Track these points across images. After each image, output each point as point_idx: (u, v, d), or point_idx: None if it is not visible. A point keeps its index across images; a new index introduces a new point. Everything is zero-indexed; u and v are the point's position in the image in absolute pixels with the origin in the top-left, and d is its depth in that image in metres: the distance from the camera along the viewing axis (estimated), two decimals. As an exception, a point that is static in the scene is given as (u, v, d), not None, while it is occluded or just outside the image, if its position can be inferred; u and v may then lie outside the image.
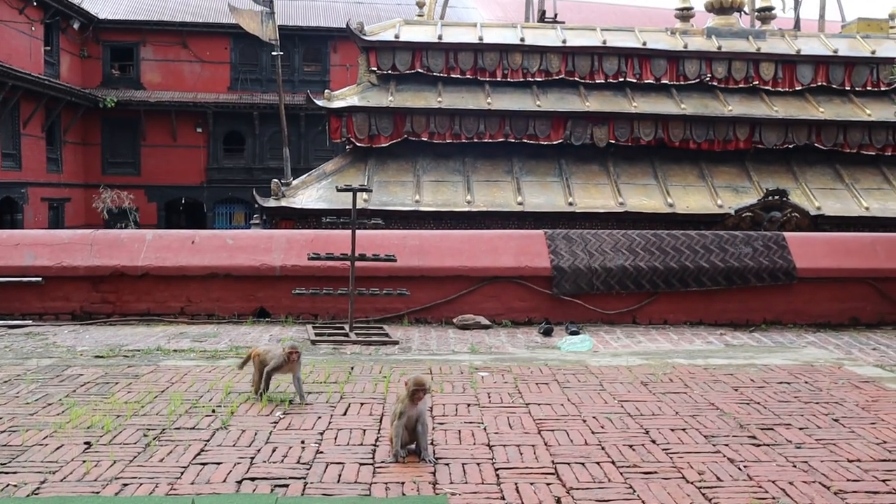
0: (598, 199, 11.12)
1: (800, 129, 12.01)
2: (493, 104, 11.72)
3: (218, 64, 28.36)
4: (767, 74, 12.53)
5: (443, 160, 11.75)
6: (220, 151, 28.07)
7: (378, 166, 11.59)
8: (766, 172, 11.92)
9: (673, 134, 11.87)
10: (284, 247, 7.61)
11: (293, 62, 28.35)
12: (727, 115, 11.88)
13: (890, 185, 11.80)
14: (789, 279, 7.84)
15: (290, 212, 10.74)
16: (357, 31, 12.08)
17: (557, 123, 11.78)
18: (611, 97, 12.13)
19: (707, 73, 12.41)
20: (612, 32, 12.82)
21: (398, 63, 12.14)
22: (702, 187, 11.55)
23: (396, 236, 7.92)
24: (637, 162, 11.91)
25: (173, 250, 7.56)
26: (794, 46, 12.68)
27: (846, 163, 12.11)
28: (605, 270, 7.70)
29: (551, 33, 12.73)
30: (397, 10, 27.64)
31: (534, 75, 12.22)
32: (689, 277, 7.77)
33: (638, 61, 12.34)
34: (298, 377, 4.38)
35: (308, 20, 28.88)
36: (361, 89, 12.07)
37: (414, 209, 10.78)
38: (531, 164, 11.75)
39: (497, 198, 11.04)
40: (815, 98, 12.44)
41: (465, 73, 12.18)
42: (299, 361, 4.34)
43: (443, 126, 11.66)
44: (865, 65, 12.56)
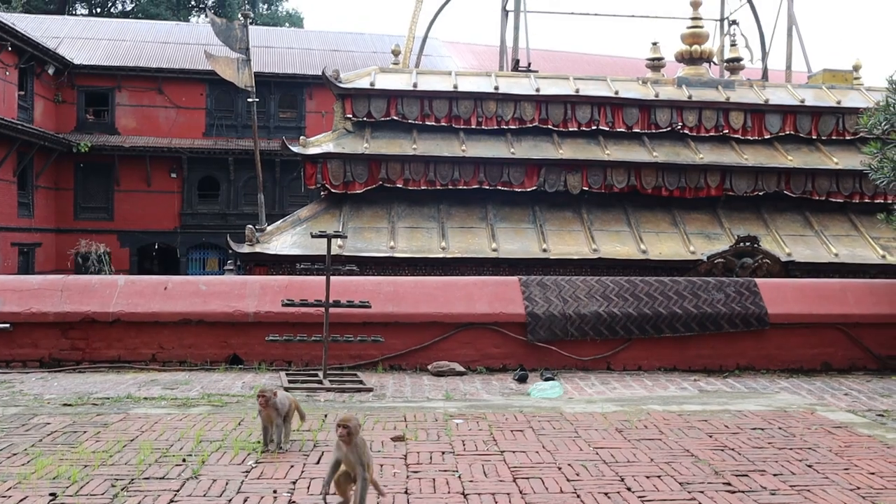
0: (572, 246, 11.18)
1: (769, 176, 12.20)
2: (468, 151, 11.81)
3: (193, 110, 28.40)
4: (737, 123, 12.75)
5: (418, 206, 11.79)
6: (194, 197, 27.99)
7: (353, 212, 11.60)
8: (737, 219, 12.07)
9: (645, 181, 12.00)
10: (258, 293, 7.57)
11: (269, 108, 28.48)
12: (698, 162, 12.04)
13: (858, 232, 11.97)
14: (761, 325, 7.90)
15: (265, 258, 10.70)
16: (333, 78, 12.17)
17: (531, 170, 11.88)
18: (584, 145, 12.27)
19: (678, 122, 12.61)
20: (584, 81, 13.01)
21: (373, 110, 12.23)
22: (674, 234, 11.66)
23: (371, 282, 7.91)
24: (610, 209, 12.02)
25: (146, 296, 7.49)
26: (763, 96, 12.94)
27: (815, 210, 12.30)
28: (579, 317, 7.72)
29: (525, 82, 12.89)
30: (373, 58, 27.92)
31: (508, 123, 12.35)
32: (663, 323, 7.81)
33: (610, 110, 12.51)
34: (279, 423, 4.30)
35: (284, 67, 29.07)
36: (337, 136, 12.12)
37: (389, 255, 10.78)
38: (506, 210, 11.82)
39: (472, 244, 11.07)
40: (783, 146, 12.67)
41: (440, 120, 12.29)
42: (276, 407, 4.25)
43: (418, 173, 11.72)
44: (831, 114, 12.83)
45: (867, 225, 11.90)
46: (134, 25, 31.88)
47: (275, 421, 4.28)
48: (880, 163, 8.69)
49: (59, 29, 29.38)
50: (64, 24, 30.44)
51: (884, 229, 10.78)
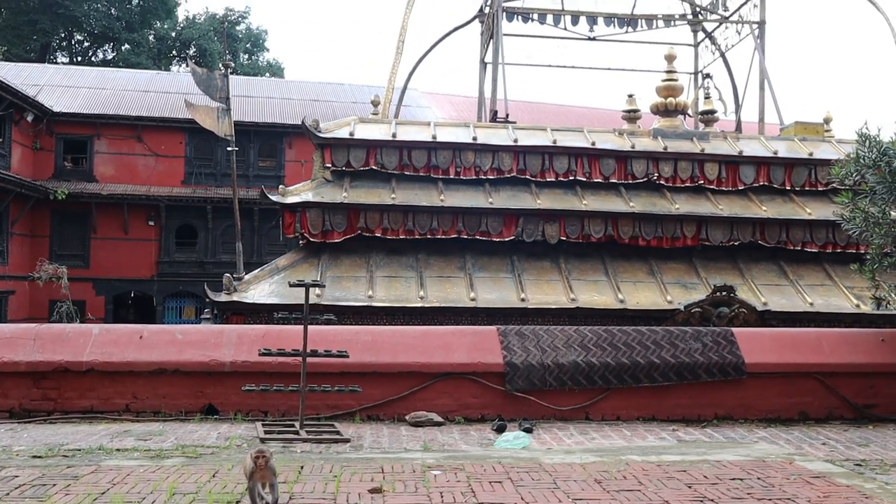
0: (550, 295, 11.20)
1: (744, 226, 12.33)
2: (447, 201, 11.87)
3: (172, 158, 28.41)
4: (712, 174, 12.91)
5: (396, 256, 11.79)
6: (171, 245, 27.86)
7: (331, 261, 11.58)
8: (713, 269, 12.15)
9: (622, 231, 12.09)
10: (235, 342, 7.51)
11: (248, 157, 28.56)
12: (674, 213, 12.16)
13: (832, 282, 12.09)
14: (739, 374, 7.92)
15: (242, 307, 10.63)
16: (312, 128, 12.24)
17: (509, 220, 11.95)
18: (561, 195, 12.37)
19: (654, 173, 12.75)
20: (562, 132, 13.15)
21: (353, 160, 12.29)
22: (651, 283, 11.72)
23: (349, 332, 7.87)
24: (588, 258, 12.07)
25: (120, 345, 7.41)
26: (737, 148, 13.13)
27: (790, 260, 12.42)
28: (557, 366, 7.71)
29: (503, 132, 13.03)
30: (353, 108, 28.15)
31: (486, 173, 12.44)
32: (641, 373, 7.82)
33: (587, 160, 12.65)
34: (273, 482, 4.15)
35: (264, 116, 29.22)
36: (316, 185, 12.15)
37: (367, 305, 10.74)
38: (484, 260, 11.85)
39: (450, 293, 11.07)
40: (758, 197, 12.83)
41: (419, 170, 12.36)
42: (269, 468, 4.11)
43: (396, 222, 11.75)
44: (804, 166, 13.04)
45: (841, 274, 12.02)
46: (114, 74, 32.00)
47: (269, 480, 4.14)
48: (852, 213, 8.83)
49: (39, 77, 29.44)
50: (44, 73, 30.51)
51: (857, 279, 10.89)
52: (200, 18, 45.51)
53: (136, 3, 42.95)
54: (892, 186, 7.89)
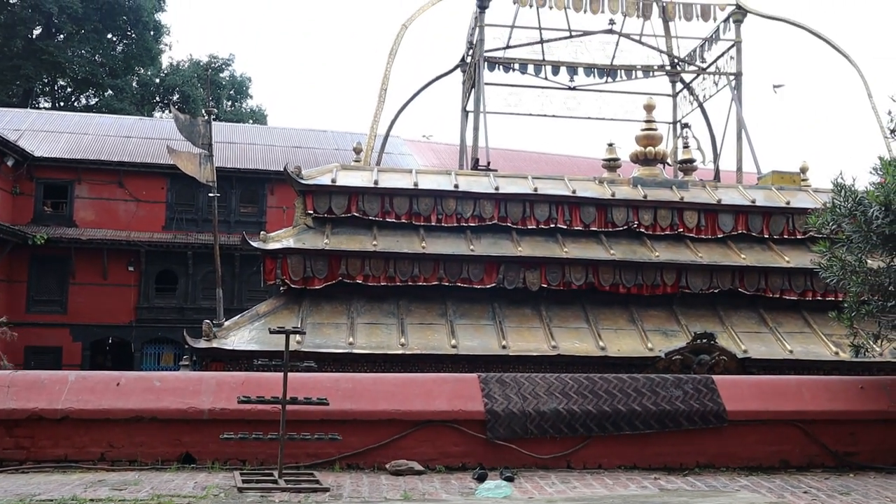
0: (531, 343, 11.19)
1: (724, 274, 12.42)
2: (428, 248, 11.90)
3: (154, 203, 28.37)
4: (691, 222, 13.04)
5: (377, 303, 11.76)
6: (151, 290, 27.67)
7: (312, 308, 11.54)
8: (693, 316, 12.20)
9: (603, 279, 12.14)
10: (214, 389, 7.44)
11: (230, 203, 28.55)
12: (654, 260, 12.24)
13: (811, 329, 12.17)
14: (720, 422, 7.92)
15: (222, 353, 10.54)
16: (294, 174, 12.29)
17: (491, 267, 11.98)
18: (542, 242, 12.43)
19: (634, 221, 12.86)
20: (542, 180, 13.27)
21: (334, 206, 12.33)
22: (632, 331, 11.74)
23: (329, 379, 7.82)
24: (569, 306, 12.10)
25: (97, 392, 7.32)
26: (715, 196, 13.29)
27: (769, 307, 12.49)
28: (538, 414, 7.68)
29: (484, 180, 13.12)
30: (335, 154, 28.30)
31: (467, 220, 12.50)
32: (622, 421, 7.80)
33: (568, 208, 12.75)
34: None
35: (246, 163, 29.30)
36: (297, 231, 12.15)
37: (347, 352, 10.69)
38: (465, 307, 11.84)
39: (431, 340, 11.04)
40: (736, 245, 12.95)
41: (401, 217, 12.40)
42: None
43: (378, 269, 11.75)
44: (781, 214, 13.20)
45: (820, 322, 12.10)
46: (96, 119, 32.05)
47: None
48: (829, 262, 8.93)
49: (20, 122, 29.43)
50: (26, 118, 30.52)
51: (836, 326, 10.96)
52: (184, 65, 45.80)
53: (121, 49, 43.25)
54: (868, 235, 8.00)
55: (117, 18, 41.09)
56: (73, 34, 40.78)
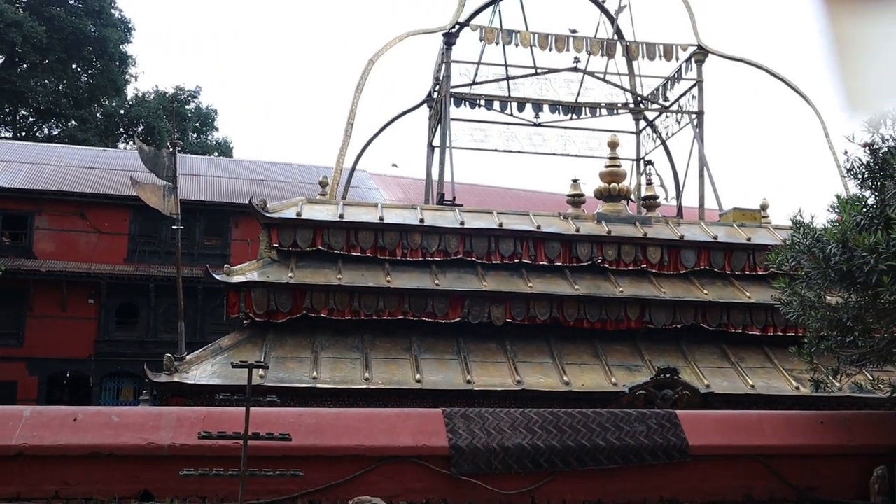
0: (495, 377, 11.18)
1: (686, 310, 12.53)
2: (393, 282, 11.88)
3: (116, 235, 28.04)
4: (654, 258, 13.16)
5: (341, 337, 11.69)
6: (111, 323, 27.24)
7: (276, 342, 11.44)
8: (657, 351, 12.28)
9: (568, 314, 12.20)
10: (174, 425, 7.33)
11: (194, 235, 28.31)
12: (618, 296, 12.32)
13: (772, 364, 12.29)
14: (683, 457, 7.96)
15: (183, 388, 10.39)
16: (259, 207, 12.24)
17: (456, 302, 11.98)
18: (507, 277, 12.47)
19: (599, 256, 12.96)
20: (507, 216, 13.34)
21: (299, 240, 12.28)
22: (596, 366, 11.78)
23: (292, 414, 7.75)
24: (533, 340, 12.12)
25: (53, 428, 7.17)
26: (678, 232, 13.44)
27: (731, 343, 12.61)
28: (503, 450, 7.66)
29: (450, 215, 13.16)
30: (300, 188, 28.25)
31: (433, 255, 12.52)
32: (587, 456, 7.80)
33: (533, 243, 12.82)
34: None
35: (211, 195, 29.12)
36: (262, 265, 12.07)
37: (311, 386, 10.58)
38: (430, 341, 11.81)
39: (395, 375, 10.98)
40: (699, 281, 13.09)
41: (366, 251, 12.38)
42: None
43: (342, 303, 11.69)
44: (743, 251, 13.38)
45: (781, 357, 12.24)
46: (59, 150, 31.70)
47: None
48: (789, 297, 9.08)
49: (-20, 152, 29.04)
50: (-14, 148, 30.13)
51: (796, 362, 11.10)
52: (150, 96, 45.57)
53: (85, 80, 42.93)
54: (826, 272, 8.14)
55: (82, 49, 40.85)
56: (37, 64, 40.45)
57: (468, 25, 17.65)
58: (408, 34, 16.96)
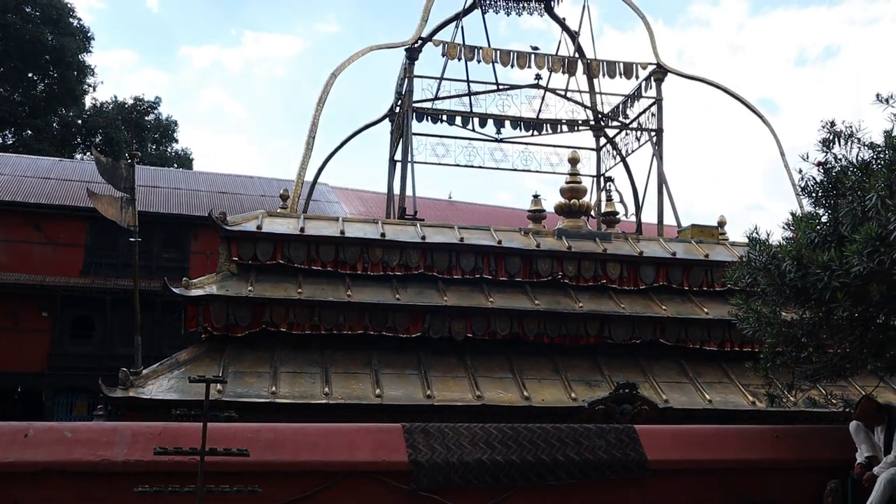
0: (456, 392, 11.16)
1: (645, 325, 12.63)
2: (354, 297, 11.83)
3: (72, 247, 27.59)
4: (614, 274, 13.26)
5: (301, 351, 11.59)
6: (66, 337, 26.74)
7: (234, 356, 11.31)
8: (616, 367, 12.34)
9: (528, 329, 12.23)
10: (129, 440, 7.21)
11: (152, 248, 27.95)
12: (578, 311, 12.39)
13: (729, 379, 12.42)
14: (642, 471, 8.01)
15: (139, 403, 10.22)
16: (219, 220, 12.12)
17: (416, 317, 11.95)
18: (468, 293, 12.48)
19: (559, 272, 13.02)
20: (469, 231, 13.37)
21: (259, 254, 12.19)
22: (556, 381, 11.82)
23: (250, 429, 7.67)
24: (494, 355, 12.12)
25: (2, 444, 7.02)
26: (637, 249, 13.57)
27: (689, 358, 12.73)
28: (463, 465, 7.65)
29: (411, 229, 13.16)
30: (261, 201, 28.08)
31: (393, 269, 12.49)
32: (546, 471, 7.82)
33: (494, 259, 12.85)
34: None
35: (170, 207, 28.82)
36: (221, 278, 11.95)
37: (270, 401, 10.47)
38: (390, 356, 11.76)
39: (355, 390, 10.91)
40: (658, 297, 13.21)
41: (327, 265, 12.31)
42: None
43: (302, 317, 11.61)
44: (701, 267, 13.53)
45: (737, 372, 12.38)
46: (13, 160, 31.16)
47: None
48: (746, 314, 9.21)
49: (-69, 161, 28.46)
50: (-63, 157, 29.53)
51: (752, 377, 11.25)
52: (108, 107, 45.03)
53: (42, 89, 42.30)
54: (782, 289, 8.27)
55: (39, 58, 40.25)
56: (-8, 72, 39.85)
57: (431, 41, 17.72)
58: (370, 48, 16.98)
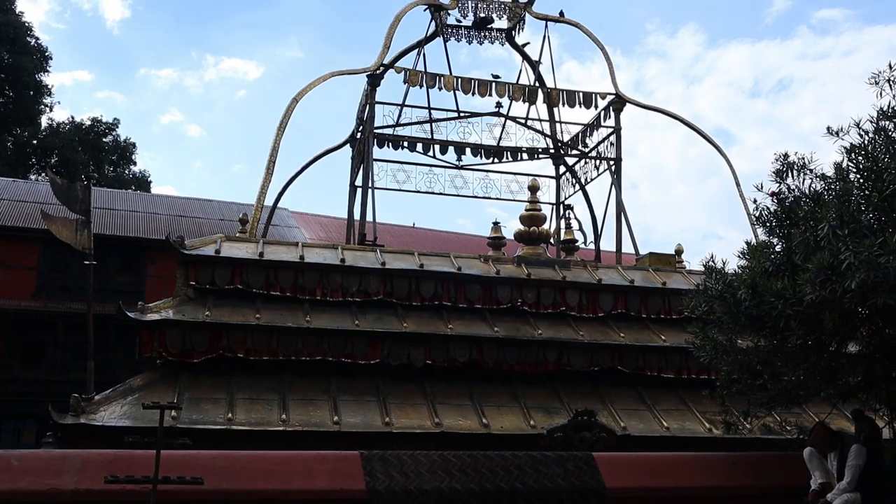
0: (415, 420, 11.09)
1: (604, 353, 12.69)
2: (312, 323, 11.74)
3: (23, 269, 27.01)
4: (573, 301, 13.34)
5: (258, 377, 11.45)
6: (15, 362, 26.10)
7: (190, 382, 11.13)
8: (575, 394, 12.36)
9: (487, 356, 12.23)
10: (79, 468, 7.05)
11: (108, 271, 27.45)
12: (537, 338, 12.42)
13: (686, 407, 12.52)
14: (600, 499, 8.03)
15: (90, 430, 9.99)
16: (177, 244, 11.99)
17: (375, 343, 11.89)
18: (427, 319, 12.46)
19: (518, 299, 13.06)
20: (428, 257, 13.37)
21: (217, 278, 12.06)
22: (515, 408, 11.81)
23: (205, 457, 7.54)
24: (453, 382, 12.09)
25: (-53, 473, 6.81)
26: (596, 276, 13.67)
27: (647, 386, 12.81)
28: (421, 493, 7.60)
29: (371, 255, 13.13)
30: (220, 225, 27.82)
31: (353, 295, 12.44)
32: (505, 499, 7.80)
33: (453, 285, 12.86)
34: None
35: (127, 230, 28.39)
36: (177, 303, 11.79)
37: (226, 428, 10.30)
38: (349, 382, 11.66)
39: (313, 417, 10.79)
40: (616, 324, 13.30)
41: (286, 290, 12.22)
42: None
43: (260, 343, 11.48)
44: (658, 295, 13.67)
45: (694, 400, 12.47)
46: (-35, 180, 30.58)
47: None
48: (702, 342, 9.31)
49: None
50: None
51: (709, 404, 11.35)
52: (65, 127, 44.41)
53: (-4, 108, 41.65)
54: (737, 317, 8.38)
55: (-6, 77, 39.71)
56: (-55, 91, 39.15)
57: (393, 68, 17.79)
58: (332, 74, 16.99)
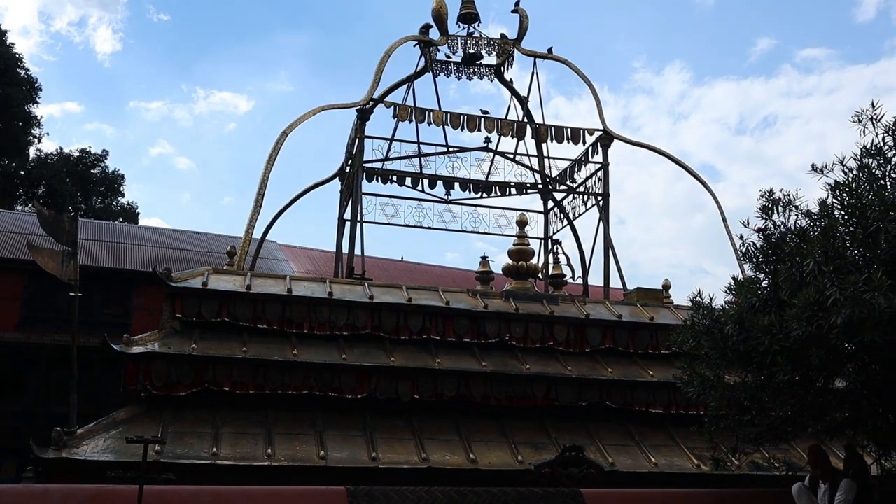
0: (402, 455, 11.01)
1: (592, 388, 12.67)
2: (300, 356, 11.68)
3: (7, 301, 26.79)
4: (561, 336, 13.33)
5: (244, 411, 11.35)
6: (-4, 394, 25.79)
7: (175, 416, 11.02)
8: (563, 429, 12.31)
9: (475, 391, 12.18)
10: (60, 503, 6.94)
11: (93, 303, 27.25)
12: (525, 373, 12.39)
13: (675, 443, 12.48)
14: (587, 538, 7.94)
15: (72, 464, 9.85)
16: (164, 276, 11.95)
17: (362, 377, 11.83)
18: (415, 353, 12.42)
19: (506, 333, 13.05)
20: (416, 291, 13.36)
21: (204, 311, 12.00)
22: (503, 443, 11.74)
23: (189, 492, 7.45)
24: (440, 417, 12.02)
25: (-75, 509, 6.70)
26: (584, 311, 13.69)
27: (636, 421, 12.77)
28: (407, 530, 7.51)
29: (359, 289, 13.11)
30: (208, 257, 27.70)
31: (341, 329, 12.40)
32: (492, 537, 7.72)
33: (441, 320, 12.84)
34: None
35: (114, 262, 28.23)
36: (163, 335, 11.72)
37: (210, 463, 10.19)
38: (335, 417, 11.58)
39: (299, 452, 10.69)
40: (604, 359, 13.29)
41: (273, 324, 12.17)
42: None
43: (246, 377, 11.40)
44: (646, 330, 13.69)
45: (682, 436, 12.44)
46: (-51, 210, 30.42)
47: None
48: (690, 377, 9.31)
49: None
50: None
51: (697, 440, 11.31)
52: (53, 158, 44.32)
53: (-17, 139, 41.55)
54: (725, 352, 8.39)
55: (-18, 108, 39.64)
56: (-68, 122, 39.07)
57: (382, 102, 17.90)
58: (322, 108, 17.08)
